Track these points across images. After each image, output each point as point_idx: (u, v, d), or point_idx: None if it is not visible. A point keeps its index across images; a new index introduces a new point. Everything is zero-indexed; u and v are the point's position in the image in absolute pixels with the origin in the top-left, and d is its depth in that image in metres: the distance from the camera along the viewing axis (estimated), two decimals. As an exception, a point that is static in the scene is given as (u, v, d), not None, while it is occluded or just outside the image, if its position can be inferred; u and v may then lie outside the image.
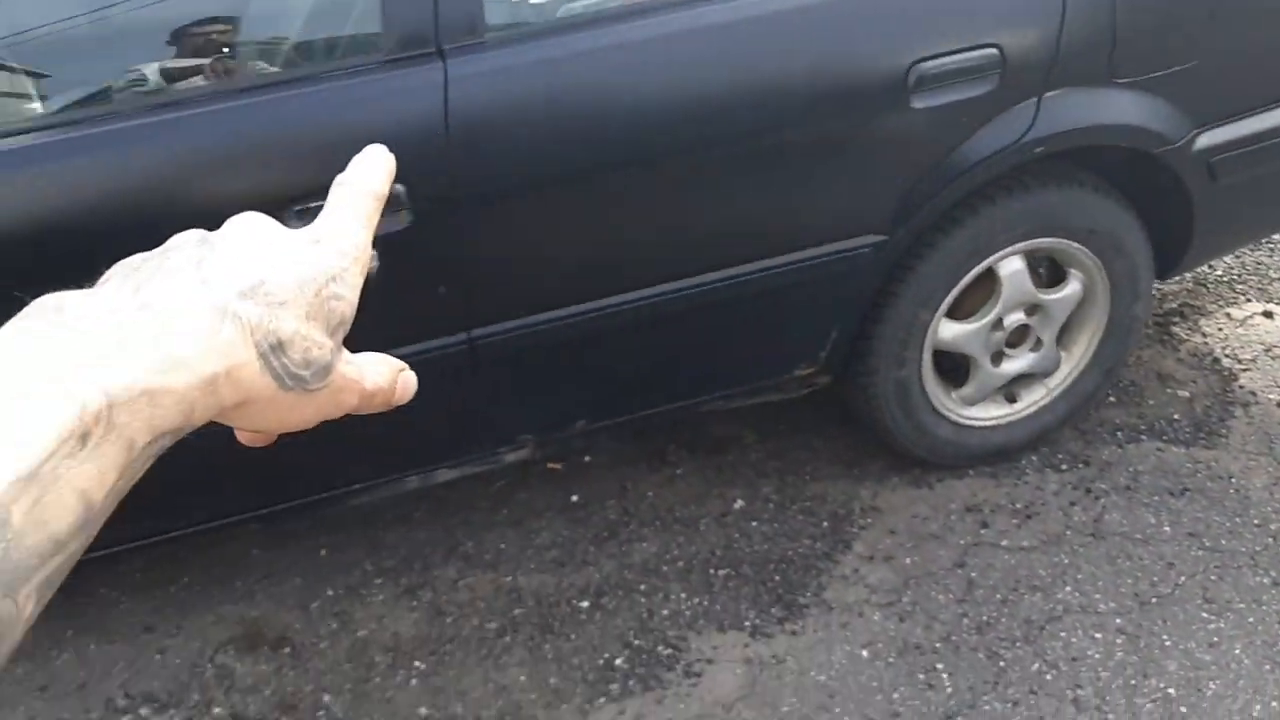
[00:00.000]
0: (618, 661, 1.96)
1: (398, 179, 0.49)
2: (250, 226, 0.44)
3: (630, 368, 1.95)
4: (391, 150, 0.48)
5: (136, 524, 1.73)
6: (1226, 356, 2.62)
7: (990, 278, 2.11)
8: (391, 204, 1.32)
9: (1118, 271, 2.17)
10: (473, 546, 2.20)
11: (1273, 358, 2.61)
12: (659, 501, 2.29)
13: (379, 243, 0.48)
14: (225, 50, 1.63)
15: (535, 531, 2.23)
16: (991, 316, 2.14)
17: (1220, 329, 2.71)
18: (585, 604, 2.07)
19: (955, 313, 2.13)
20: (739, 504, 2.27)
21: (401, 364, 0.47)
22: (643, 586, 2.10)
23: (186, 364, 0.38)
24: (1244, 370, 2.57)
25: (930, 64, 1.78)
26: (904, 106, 1.79)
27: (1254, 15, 2.02)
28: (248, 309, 0.40)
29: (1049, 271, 2.22)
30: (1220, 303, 2.82)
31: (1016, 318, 2.17)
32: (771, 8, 1.72)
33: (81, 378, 0.35)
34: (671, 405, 2.04)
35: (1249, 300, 2.82)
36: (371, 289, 0.47)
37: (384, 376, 0.46)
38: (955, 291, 2.08)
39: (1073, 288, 2.18)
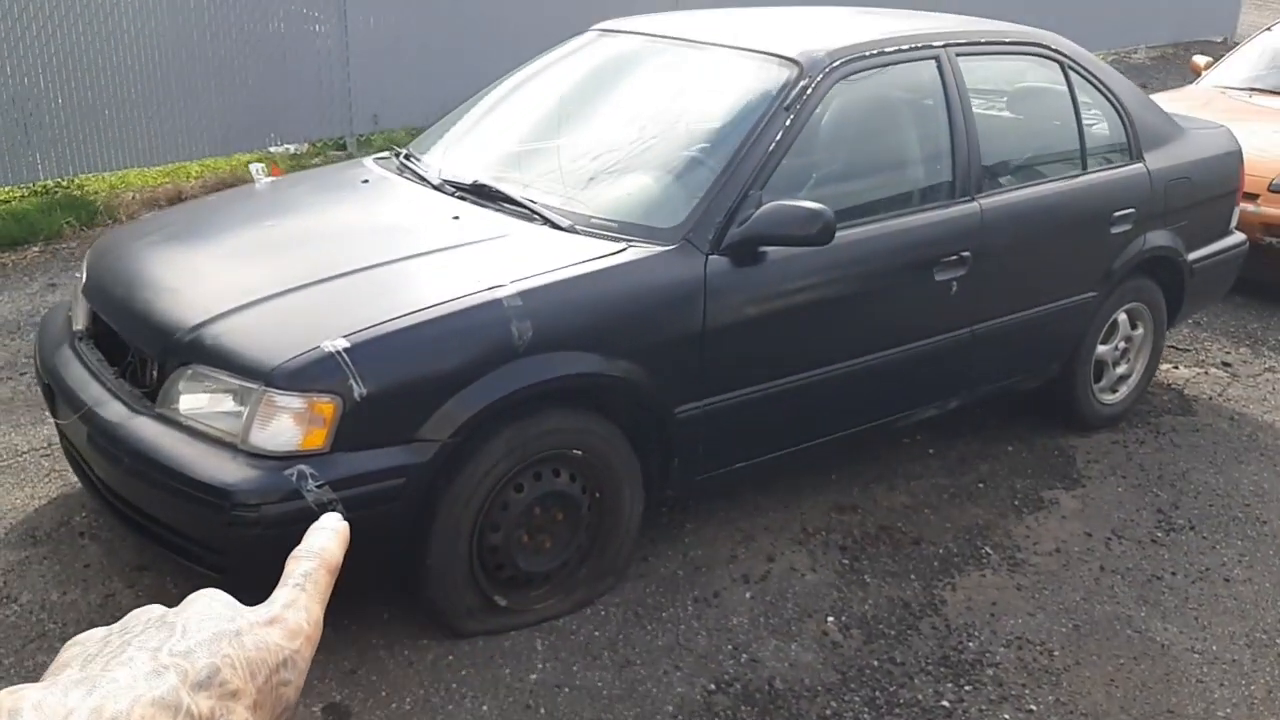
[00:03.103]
0: (1015, 502, 3.89)
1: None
2: (208, 606, 0.46)
3: (1015, 349, 4.00)
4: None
5: (792, 438, 3.51)
6: (1171, 384, 5.04)
7: (1114, 323, 4.39)
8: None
9: (1159, 321, 4.53)
10: (904, 470, 4.06)
11: (1191, 383, 5.06)
12: (972, 451, 4.26)
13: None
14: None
15: (927, 463, 4.12)
16: (1115, 341, 4.41)
17: (1159, 376, 5.14)
18: (980, 485, 3.99)
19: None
20: (1009, 449, 4.30)
21: None
22: (999, 478, 4.05)
23: None
24: (1183, 389, 5.00)
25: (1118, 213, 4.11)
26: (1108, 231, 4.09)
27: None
28: (201, 702, 0.42)
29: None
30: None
31: (1123, 344, 4.45)
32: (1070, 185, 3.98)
33: None
34: (1018, 377, 4.09)
35: (1160, 364, 5.30)
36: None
37: None
38: (1105, 327, 4.33)
39: (1140, 330, 4.51)
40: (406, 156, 3.85)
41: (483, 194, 3.38)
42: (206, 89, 7.28)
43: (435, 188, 3.50)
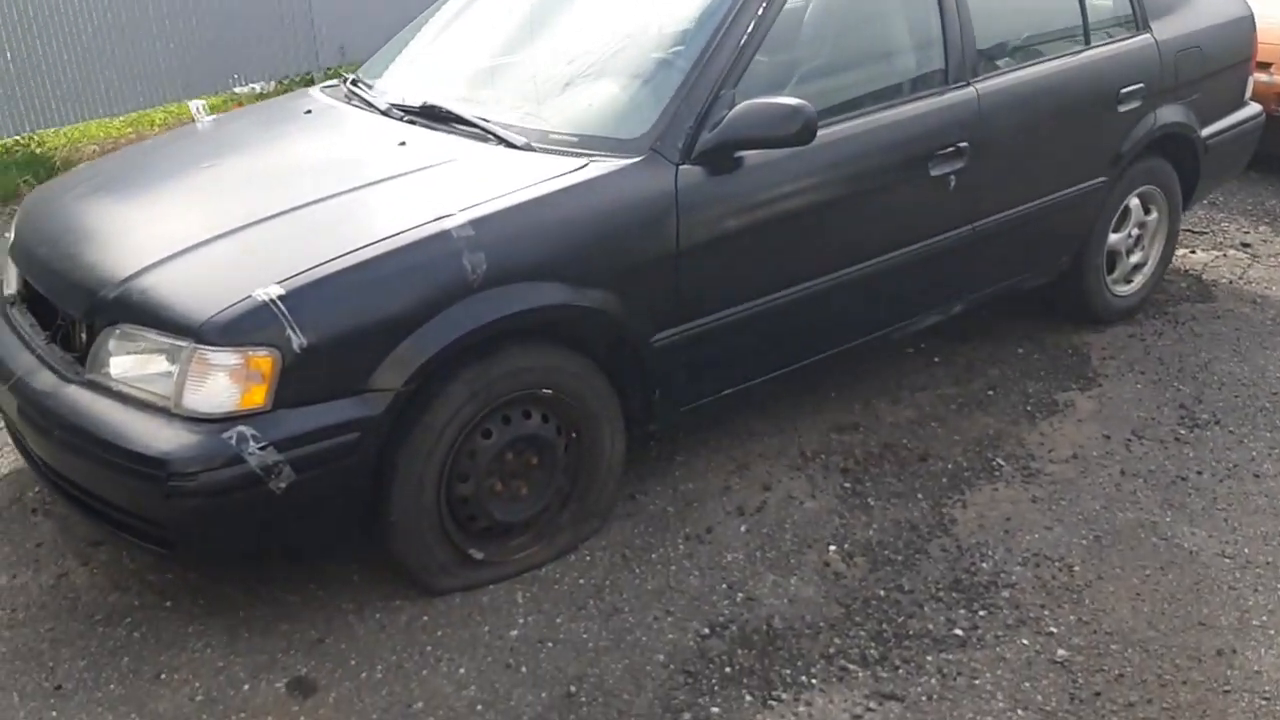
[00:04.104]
0: (1028, 407, 3.65)
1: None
2: None
3: (1020, 245, 3.74)
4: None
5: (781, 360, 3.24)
6: (1189, 270, 4.77)
7: (1125, 209, 4.11)
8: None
9: (1174, 204, 4.24)
10: (909, 382, 3.81)
11: (1210, 267, 4.79)
12: (980, 355, 4.01)
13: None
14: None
15: (933, 373, 3.88)
16: (1127, 229, 4.13)
17: (1175, 261, 4.86)
18: (990, 392, 3.76)
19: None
20: (1020, 350, 4.05)
21: None
22: (1010, 383, 3.81)
23: None
24: (1201, 273, 4.73)
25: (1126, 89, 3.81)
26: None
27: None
28: None
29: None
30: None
31: (1136, 231, 4.18)
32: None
33: None
34: (1025, 274, 3.83)
35: (1178, 249, 5.01)
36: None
37: None
38: (1116, 214, 4.05)
39: (1154, 214, 4.23)
40: (354, 83, 3.58)
41: (433, 116, 3.11)
42: (163, 32, 6.96)
43: (383, 113, 3.23)
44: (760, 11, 2.99)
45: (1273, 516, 3.08)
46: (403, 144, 2.97)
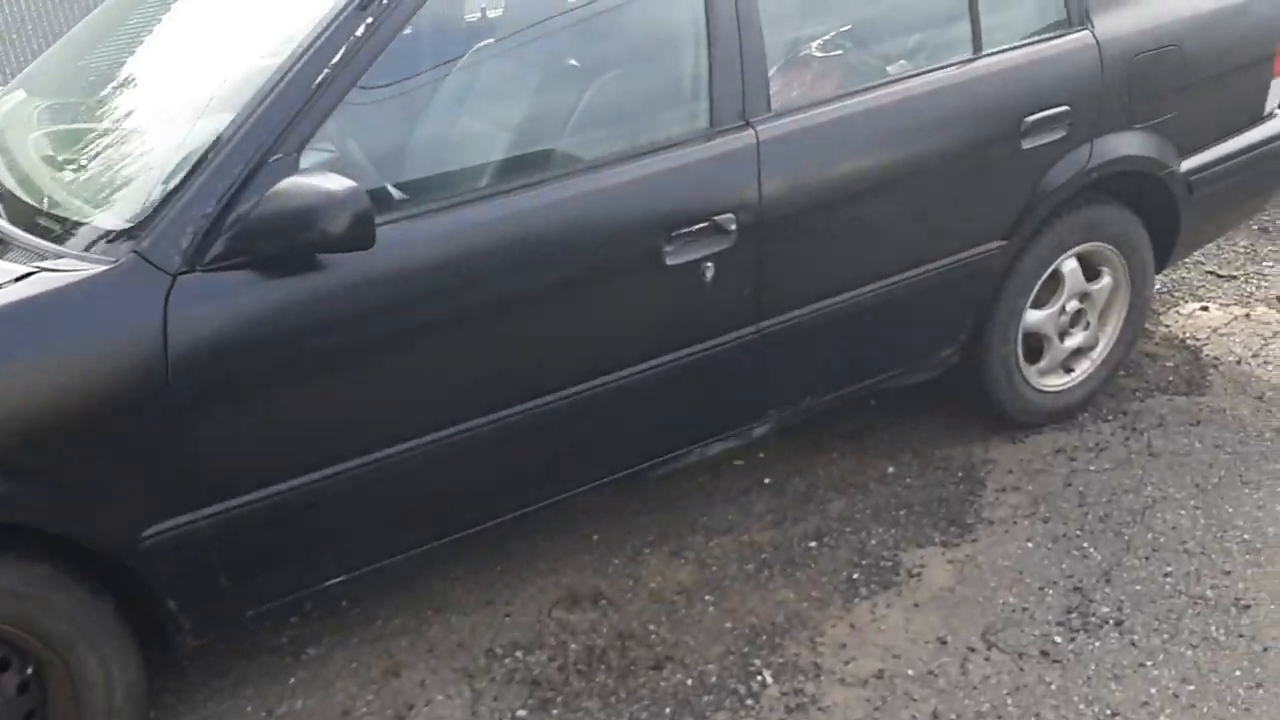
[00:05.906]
0: (855, 575, 2.58)
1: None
2: None
3: (856, 344, 2.65)
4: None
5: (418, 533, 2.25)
6: (1189, 338, 3.52)
7: (1056, 277, 2.93)
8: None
9: (1138, 265, 3.03)
10: (707, 520, 2.79)
11: (1220, 335, 3.52)
12: (830, 476, 2.94)
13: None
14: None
15: (749, 505, 2.84)
16: (1059, 302, 2.95)
17: (1177, 321, 3.61)
18: (812, 544, 2.69)
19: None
20: (891, 469, 2.96)
21: None
22: (848, 529, 2.74)
23: None
24: (1203, 345, 3.47)
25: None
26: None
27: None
28: None
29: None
30: (1168, 306, 3.73)
31: (1074, 304, 2.99)
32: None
33: None
34: (874, 379, 2.73)
35: (1187, 302, 3.75)
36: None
37: None
38: (1036, 285, 2.88)
39: (1106, 280, 3.03)
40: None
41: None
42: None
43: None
44: (363, 29, 1.97)
45: (1138, 828, 1.97)
46: None
